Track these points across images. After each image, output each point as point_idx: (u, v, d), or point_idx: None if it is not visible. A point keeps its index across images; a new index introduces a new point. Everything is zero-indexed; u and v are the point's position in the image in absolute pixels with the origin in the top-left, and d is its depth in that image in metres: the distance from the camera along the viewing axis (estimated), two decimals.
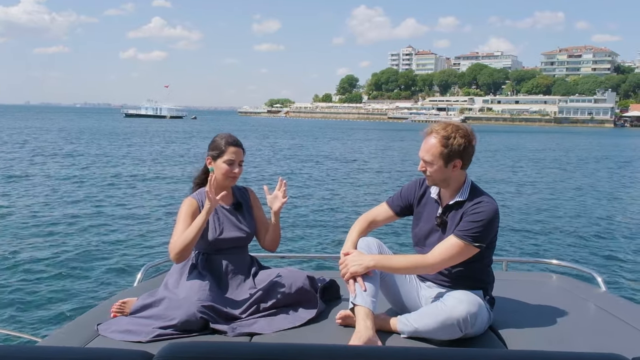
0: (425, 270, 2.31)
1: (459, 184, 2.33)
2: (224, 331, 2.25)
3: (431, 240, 2.37)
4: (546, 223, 11.85)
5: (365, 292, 2.21)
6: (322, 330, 2.32)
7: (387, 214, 2.53)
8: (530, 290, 2.85)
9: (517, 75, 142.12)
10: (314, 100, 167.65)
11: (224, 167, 2.53)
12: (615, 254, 9.27)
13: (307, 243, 9.88)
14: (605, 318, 2.45)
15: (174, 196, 14.69)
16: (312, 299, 2.49)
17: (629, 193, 17.56)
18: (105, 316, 2.42)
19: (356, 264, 2.26)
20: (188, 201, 2.54)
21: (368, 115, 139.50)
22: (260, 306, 2.41)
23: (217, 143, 2.57)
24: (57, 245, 9.19)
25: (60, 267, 7.85)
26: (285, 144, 40.18)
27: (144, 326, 2.25)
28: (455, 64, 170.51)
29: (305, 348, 1.30)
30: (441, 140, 2.24)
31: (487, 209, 2.22)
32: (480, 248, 2.23)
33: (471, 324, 2.11)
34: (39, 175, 18.17)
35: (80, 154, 26.51)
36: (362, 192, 17.05)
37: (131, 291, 2.77)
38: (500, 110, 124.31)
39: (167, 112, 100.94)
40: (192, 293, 2.33)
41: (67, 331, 2.29)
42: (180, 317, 2.23)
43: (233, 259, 2.55)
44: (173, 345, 1.27)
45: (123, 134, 44.84)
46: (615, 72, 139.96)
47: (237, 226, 2.58)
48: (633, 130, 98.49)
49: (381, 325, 2.27)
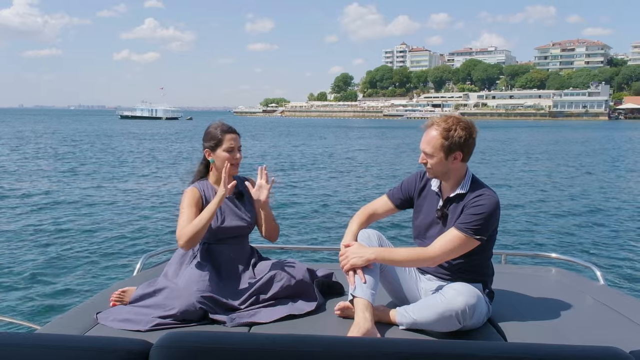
0: (426, 263, 2.31)
1: (460, 176, 2.33)
2: (222, 321, 2.26)
3: (432, 233, 2.37)
4: (545, 216, 11.88)
5: (364, 284, 2.21)
6: (321, 322, 2.33)
7: (388, 206, 2.53)
8: (529, 283, 2.86)
9: (511, 70, 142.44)
10: (309, 99, 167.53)
11: (225, 155, 2.53)
12: (614, 247, 9.27)
13: (307, 235, 9.90)
14: (603, 311, 2.45)
15: (173, 187, 14.92)
16: (311, 291, 2.49)
17: (628, 186, 17.59)
18: (105, 305, 2.42)
19: (356, 256, 2.27)
20: (190, 191, 2.54)
21: (363, 113, 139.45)
22: (259, 297, 2.41)
23: (213, 133, 2.56)
24: (57, 234, 9.26)
25: (61, 256, 7.90)
26: (284, 141, 40.23)
27: (143, 315, 2.25)
28: (449, 60, 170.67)
29: (304, 339, 1.30)
30: (442, 132, 2.24)
31: (488, 201, 2.22)
32: (481, 241, 2.23)
33: (470, 316, 2.11)
34: (41, 170, 18.42)
35: (79, 152, 26.83)
36: (362, 185, 17.11)
37: (131, 280, 2.78)
38: (495, 105, 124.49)
39: (162, 114, 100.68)
40: (191, 283, 2.33)
41: (66, 319, 2.29)
42: (179, 307, 2.24)
43: (234, 249, 2.56)
44: (172, 335, 1.27)
45: (121, 135, 44.80)
46: (608, 65, 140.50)
47: (239, 215, 2.58)
48: (628, 123, 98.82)
49: (380, 317, 2.28)
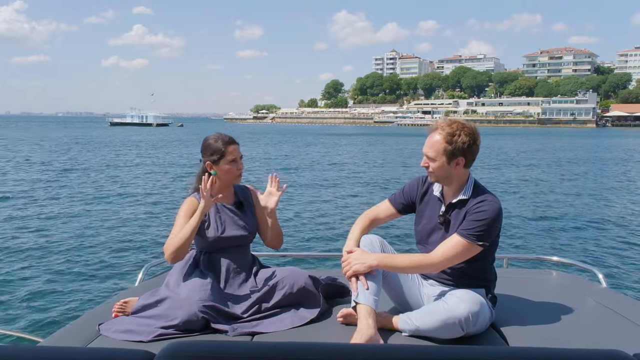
0: (429, 269, 2.31)
1: (462, 182, 2.32)
2: (225, 331, 2.24)
3: (434, 238, 2.36)
4: (546, 220, 11.96)
5: (367, 290, 2.20)
6: (324, 329, 2.32)
7: (390, 211, 2.52)
8: (531, 287, 2.86)
9: (500, 78, 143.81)
10: (300, 106, 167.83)
11: (229, 167, 2.53)
12: (615, 250, 9.31)
13: (308, 242, 9.91)
14: (606, 314, 2.45)
15: (174, 196, 14.85)
16: (313, 299, 2.48)
17: (628, 190, 17.78)
18: (107, 316, 2.41)
19: (359, 263, 2.26)
20: (189, 200, 2.54)
21: (354, 120, 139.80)
22: (262, 306, 2.40)
23: (214, 146, 2.54)
24: (58, 245, 9.19)
25: (62, 267, 7.86)
26: (278, 148, 40.18)
27: (145, 326, 2.24)
28: (439, 67, 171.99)
29: (307, 346, 1.29)
30: (446, 137, 2.23)
31: (491, 207, 2.21)
32: (484, 247, 2.23)
33: (473, 323, 2.11)
34: (41, 180, 18.30)
35: (76, 160, 26.66)
36: (363, 190, 17.17)
37: (132, 291, 2.76)
38: (485, 112, 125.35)
39: (153, 120, 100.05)
40: (193, 293, 2.32)
41: (68, 331, 2.27)
42: (181, 317, 2.22)
43: (235, 258, 2.54)
44: (174, 345, 1.27)
45: (116, 143, 44.60)
46: (595, 73, 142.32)
47: (239, 225, 2.57)
48: (615, 130, 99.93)
49: (383, 324, 2.27)
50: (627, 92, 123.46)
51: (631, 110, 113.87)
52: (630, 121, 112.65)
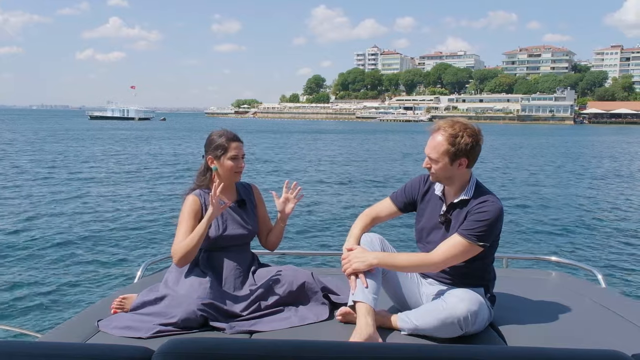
0: (429, 268, 2.31)
1: (464, 182, 2.32)
2: (223, 328, 2.24)
3: (434, 238, 2.36)
4: (546, 220, 12.05)
5: (366, 289, 2.20)
6: (322, 327, 2.31)
7: (391, 209, 2.51)
8: (531, 287, 2.87)
9: (480, 75, 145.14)
10: (282, 101, 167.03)
11: (230, 163, 2.51)
12: (614, 250, 9.40)
13: (308, 239, 9.92)
14: (605, 315, 2.47)
15: (173, 192, 14.79)
16: (313, 298, 2.47)
17: (627, 190, 17.97)
18: (106, 312, 2.41)
19: (359, 261, 2.26)
20: (191, 199, 2.50)
21: (336, 115, 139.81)
22: (261, 304, 2.39)
23: (219, 142, 2.53)
24: (57, 241, 9.16)
25: (61, 264, 7.83)
26: (270, 143, 39.91)
27: (144, 323, 2.24)
28: (420, 63, 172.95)
29: (305, 344, 1.30)
30: (448, 138, 2.22)
31: (492, 208, 2.22)
32: (485, 247, 2.24)
33: (472, 323, 2.11)
34: (40, 176, 18.13)
35: (69, 153, 26.45)
36: (363, 188, 17.21)
37: (131, 287, 2.76)
38: (466, 108, 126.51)
39: (135, 114, 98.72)
40: (192, 291, 2.32)
41: (67, 327, 2.27)
42: (180, 314, 2.23)
43: (235, 256, 2.53)
44: (173, 342, 1.28)
45: (106, 138, 43.92)
46: (572, 70, 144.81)
47: (241, 224, 2.55)
48: (592, 127, 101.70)
49: (382, 322, 2.27)
50: (603, 90, 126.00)
51: (607, 108, 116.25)
52: (607, 118, 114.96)
